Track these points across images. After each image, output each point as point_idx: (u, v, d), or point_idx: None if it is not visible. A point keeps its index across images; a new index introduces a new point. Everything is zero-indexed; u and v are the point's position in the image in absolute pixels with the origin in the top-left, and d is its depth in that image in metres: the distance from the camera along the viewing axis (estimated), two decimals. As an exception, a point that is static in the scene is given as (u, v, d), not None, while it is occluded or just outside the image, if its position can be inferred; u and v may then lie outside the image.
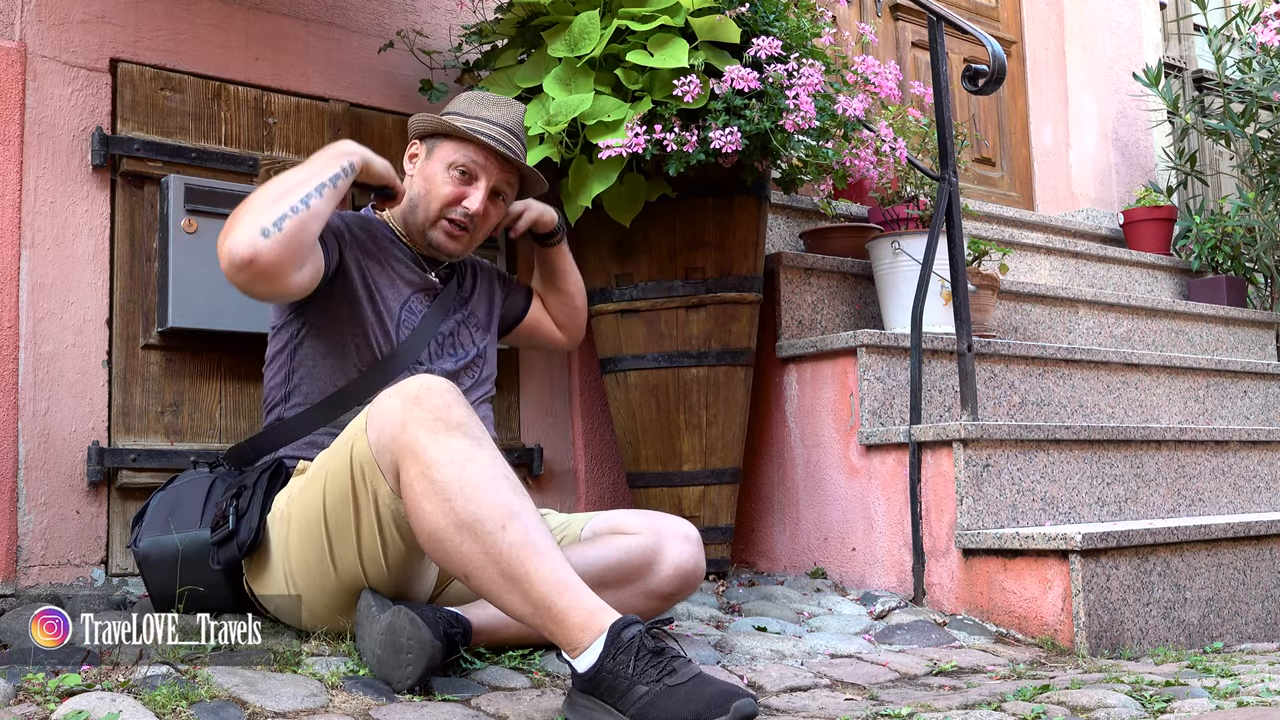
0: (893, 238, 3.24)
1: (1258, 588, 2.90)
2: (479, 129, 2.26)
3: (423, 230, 2.28)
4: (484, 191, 2.26)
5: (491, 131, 2.26)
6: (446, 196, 2.25)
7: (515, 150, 2.29)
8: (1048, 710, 1.87)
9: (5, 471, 2.46)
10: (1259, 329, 4.62)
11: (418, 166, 2.30)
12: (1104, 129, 5.27)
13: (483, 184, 2.26)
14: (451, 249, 2.29)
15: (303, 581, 2.01)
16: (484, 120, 2.27)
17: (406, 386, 1.86)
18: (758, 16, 2.83)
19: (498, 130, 2.27)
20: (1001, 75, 2.94)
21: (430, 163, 2.28)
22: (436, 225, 2.26)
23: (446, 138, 2.27)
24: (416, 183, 2.29)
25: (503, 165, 2.28)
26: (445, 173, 2.26)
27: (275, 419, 2.23)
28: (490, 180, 2.27)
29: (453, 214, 2.25)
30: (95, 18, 2.69)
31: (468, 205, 2.25)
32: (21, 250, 2.54)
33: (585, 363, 3.29)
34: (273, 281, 1.98)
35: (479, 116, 2.28)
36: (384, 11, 3.14)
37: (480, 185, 2.26)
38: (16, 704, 1.67)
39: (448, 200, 2.25)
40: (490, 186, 2.27)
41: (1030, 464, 2.86)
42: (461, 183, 2.26)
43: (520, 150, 2.31)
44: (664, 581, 2.17)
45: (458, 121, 2.27)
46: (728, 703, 1.61)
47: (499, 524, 1.75)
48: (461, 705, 1.81)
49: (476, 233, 2.30)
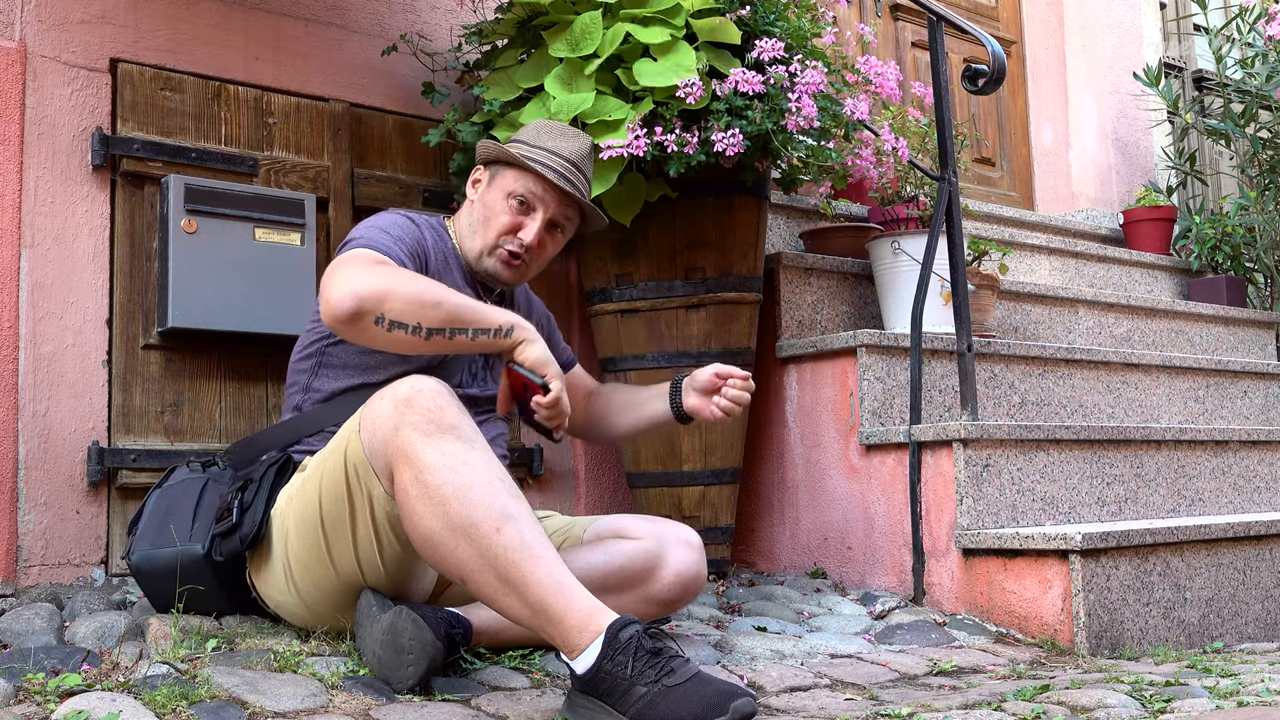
0: (893, 238, 3.24)
1: (1258, 588, 2.91)
2: (541, 159, 2.21)
3: (479, 256, 2.24)
4: (540, 223, 2.21)
5: (553, 163, 2.21)
6: (503, 226, 2.21)
7: (577, 184, 2.23)
8: (1048, 710, 1.87)
9: (5, 471, 2.46)
10: (1259, 329, 4.62)
11: (479, 192, 2.27)
12: (1104, 129, 5.27)
13: (540, 215, 2.21)
14: (506, 277, 2.25)
15: (303, 580, 2.01)
16: (547, 151, 2.22)
17: (398, 388, 1.86)
18: (758, 17, 2.83)
19: (560, 162, 2.22)
20: (1001, 75, 2.94)
21: (491, 190, 2.24)
22: (493, 254, 2.23)
23: (509, 166, 2.23)
24: (477, 209, 2.26)
25: (562, 198, 2.22)
26: (504, 201, 2.21)
27: (295, 408, 2.23)
28: (548, 212, 2.22)
29: (509, 244, 2.22)
30: (95, 18, 2.69)
31: (523, 236, 2.21)
32: (21, 250, 2.54)
33: (585, 363, 3.29)
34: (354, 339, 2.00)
35: (544, 147, 2.23)
36: (384, 12, 3.14)
37: (538, 216, 2.21)
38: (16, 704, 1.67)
39: (504, 229, 2.21)
40: (548, 219, 2.22)
41: (1030, 464, 2.86)
42: (519, 213, 2.21)
43: (583, 183, 2.26)
44: (666, 587, 2.17)
45: (522, 150, 2.23)
46: (727, 703, 1.61)
47: (494, 526, 1.75)
48: (462, 705, 1.81)
49: (532, 264, 2.26)
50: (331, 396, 2.18)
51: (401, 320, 1.93)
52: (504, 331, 2.00)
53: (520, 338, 2.01)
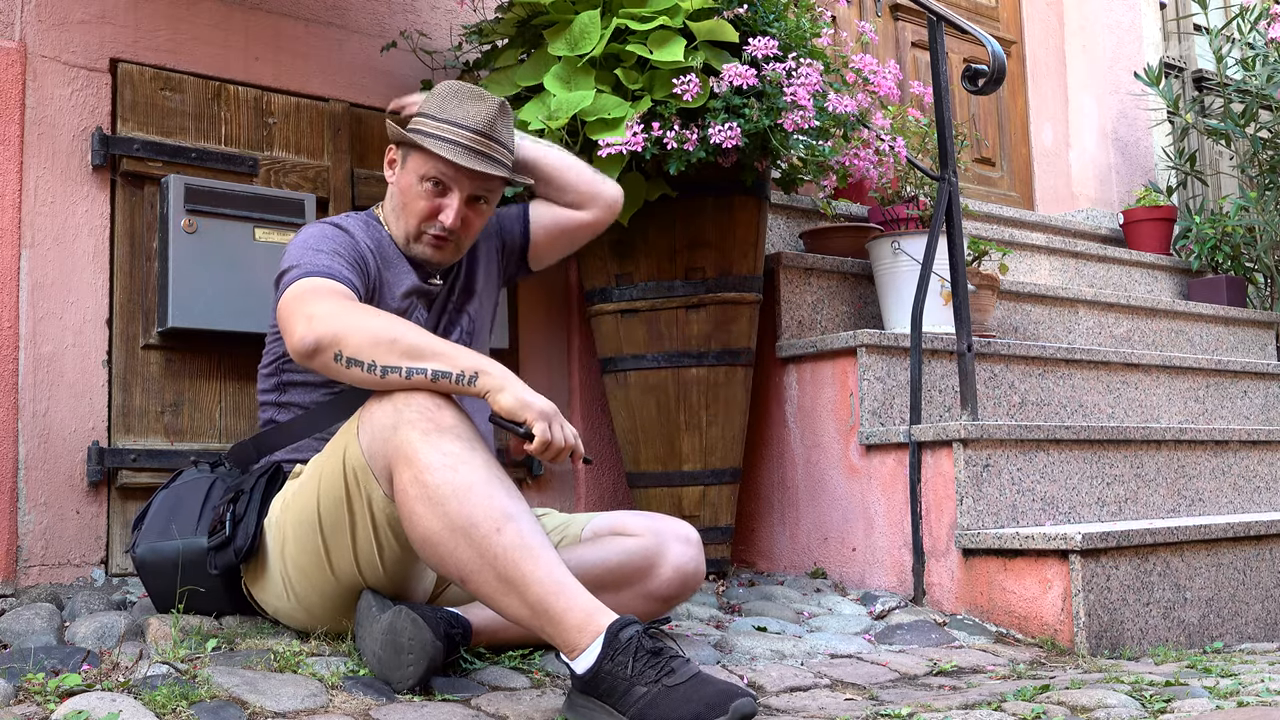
0: (893, 238, 3.24)
1: (1258, 588, 2.90)
2: (446, 135, 2.12)
3: (407, 243, 2.20)
4: (458, 203, 2.14)
5: (459, 137, 2.12)
6: (422, 211, 2.16)
7: (489, 153, 2.14)
8: (1048, 710, 1.87)
9: (5, 471, 2.46)
10: (1259, 329, 4.62)
11: (395, 174, 2.21)
12: (1104, 129, 5.27)
13: (456, 194, 2.14)
14: (438, 260, 2.21)
15: (300, 585, 2.01)
16: (452, 124, 2.13)
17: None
18: (757, 17, 2.83)
19: (466, 134, 2.12)
20: (1001, 75, 2.94)
21: (405, 173, 2.18)
22: (420, 239, 2.18)
23: (415, 147, 2.15)
24: (395, 194, 2.21)
25: (473, 173, 2.14)
26: (418, 185, 2.15)
27: (268, 420, 2.23)
28: (464, 191, 2.15)
29: (431, 229, 2.17)
30: (95, 18, 2.69)
31: (443, 220, 2.15)
32: (21, 250, 2.54)
33: (585, 362, 3.29)
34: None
35: (448, 119, 2.13)
36: (384, 11, 3.14)
37: (454, 195, 2.14)
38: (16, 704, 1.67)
39: (424, 215, 2.16)
40: (465, 196, 2.15)
41: (1030, 464, 2.86)
42: (435, 194, 2.15)
43: (497, 149, 2.15)
44: (664, 584, 2.16)
45: (427, 125, 2.14)
46: (727, 703, 1.61)
47: (493, 527, 1.75)
48: (461, 705, 1.81)
49: (463, 240, 2.21)
50: (308, 406, 2.18)
51: (358, 358, 1.86)
52: (467, 378, 1.86)
53: (485, 386, 1.86)
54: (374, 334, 1.88)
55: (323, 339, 1.88)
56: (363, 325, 1.89)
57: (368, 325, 1.90)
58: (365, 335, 1.87)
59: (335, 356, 1.88)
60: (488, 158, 2.14)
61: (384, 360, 1.86)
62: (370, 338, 1.87)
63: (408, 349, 1.86)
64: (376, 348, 1.86)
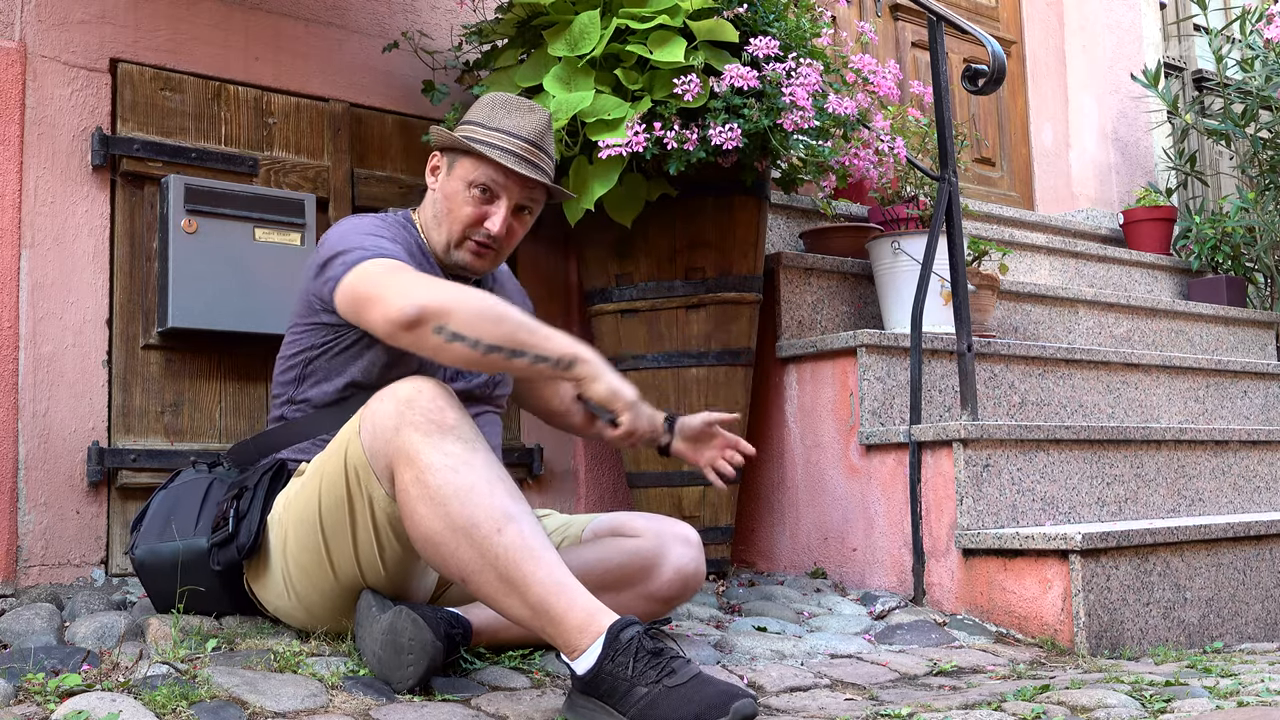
0: (893, 238, 3.24)
1: (1258, 588, 2.91)
2: (499, 143, 2.11)
3: (447, 249, 2.17)
4: (505, 211, 2.13)
5: (512, 146, 2.12)
6: (468, 217, 2.13)
7: (539, 163, 2.14)
8: (1048, 710, 1.87)
9: (5, 471, 2.46)
10: (1259, 329, 4.62)
11: (439, 181, 2.18)
12: (1104, 129, 5.27)
13: (504, 203, 2.13)
14: (477, 268, 2.18)
15: (301, 584, 2.01)
16: (503, 133, 2.12)
17: (398, 389, 1.85)
18: (757, 17, 2.83)
19: (518, 144, 2.12)
20: (1001, 75, 2.94)
21: (451, 179, 2.15)
22: (461, 245, 2.15)
23: (465, 153, 2.14)
24: (438, 200, 2.17)
25: (525, 181, 2.13)
26: (465, 191, 2.13)
27: (279, 418, 2.22)
28: (512, 199, 2.13)
29: (476, 235, 2.14)
30: (95, 18, 2.69)
31: (489, 227, 2.12)
32: (21, 250, 2.54)
33: (585, 363, 3.29)
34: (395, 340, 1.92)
35: (499, 128, 2.13)
36: (384, 12, 3.15)
37: (502, 204, 2.13)
38: (16, 704, 1.67)
39: (469, 221, 2.14)
40: (513, 205, 2.14)
41: (1030, 464, 2.86)
42: (482, 201, 2.13)
43: (545, 161, 2.17)
44: (665, 585, 2.16)
45: (477, 133, 2.14)
46: (727, 703, 1.61)
47: (495, 527, 1.75)
48: (461, 705, 1.81)
49: (502, 251, 2.19)
50: (320, 406, 2.17)
51: (463, 333, 1.85)
52: (565, 364, 1.89)
53: (582, 374, 1.90)
54: (480, 310, 1.87)
55: (428, 309, 1.85)
56: (469, 300, 1.88)
57: (473, 300, 1.88)
58: (472, 310, 1.86)
59: (437, 329, 1.85)
60: (536, 167, 2.15)
61: (490, 339, 1.85)
62: (477, 313, 1.86)
63: (513, 329, 1.87)
64: (484, 324, 1.86)
